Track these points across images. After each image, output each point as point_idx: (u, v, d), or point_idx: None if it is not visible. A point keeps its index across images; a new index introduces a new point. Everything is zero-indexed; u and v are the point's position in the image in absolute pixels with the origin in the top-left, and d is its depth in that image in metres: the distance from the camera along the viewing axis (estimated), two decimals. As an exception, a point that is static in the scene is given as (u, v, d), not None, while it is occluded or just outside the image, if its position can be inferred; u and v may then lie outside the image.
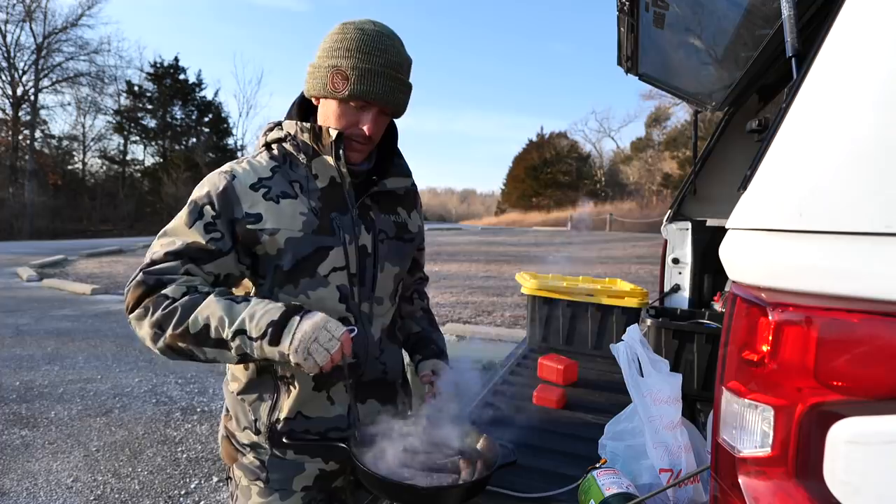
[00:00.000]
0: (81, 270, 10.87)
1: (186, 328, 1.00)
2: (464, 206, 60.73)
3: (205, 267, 1.08)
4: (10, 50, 26.65)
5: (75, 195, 28.74)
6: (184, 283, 1.05)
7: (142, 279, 1.04)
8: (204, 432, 3.57)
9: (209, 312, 1.00)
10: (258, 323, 1.00)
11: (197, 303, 1.02)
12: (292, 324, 1.00)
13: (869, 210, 0.57)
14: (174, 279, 1.05)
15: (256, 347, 0.99)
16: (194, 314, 1.00)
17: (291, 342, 0.98)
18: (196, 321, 1.00)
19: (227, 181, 1.11)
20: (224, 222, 1.09)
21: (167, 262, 1.06)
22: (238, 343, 1.00)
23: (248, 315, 1.01)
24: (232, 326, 1.00)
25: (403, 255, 1.29)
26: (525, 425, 1.58)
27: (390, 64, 1.09)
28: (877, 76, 0.58)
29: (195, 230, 1.08)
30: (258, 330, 0.99)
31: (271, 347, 0.99)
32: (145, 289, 1.04)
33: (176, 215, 1.12)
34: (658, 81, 2.56)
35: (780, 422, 0.62)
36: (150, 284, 1.04)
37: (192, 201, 1.11)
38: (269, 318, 1.00)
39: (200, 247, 1.07)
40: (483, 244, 18.10)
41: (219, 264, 1.09)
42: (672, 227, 2.70)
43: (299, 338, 0.98)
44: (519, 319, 6.81)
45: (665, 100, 30.66)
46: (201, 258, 1.08)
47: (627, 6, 1.80)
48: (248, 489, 1.20)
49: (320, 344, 0.99)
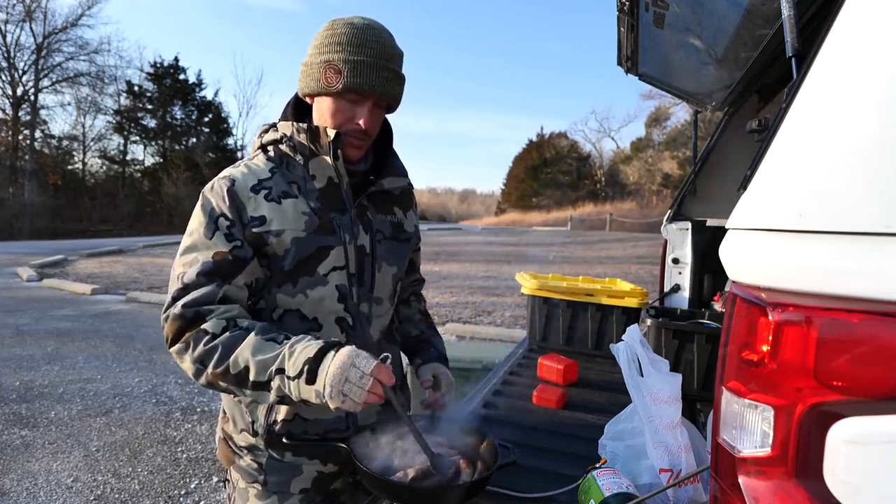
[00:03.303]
0: (81, 270, 10.87)
1: (227, 368, 0.99)
2: (464, 206, 60.73)
3: (236, 281, 1.07)
4: (10, 50, 26.66)
5: (75, 195, 28.73)
6: (223, 316, 1.03)
7: (179, 313, 1.03)
8: (204, 432, 3.57)
9: (249, 354, 0.99)
10: (295, 361, 0.98)
11: (237, 341, 1.00)
12: (325, 362, 0.97)
13: (869, 210, 0.57)
14: (212, 310, 1.03)
15: (294, 387, 0.98)
16: (234, 355, 0.99)
17: (325, 386, 0.95)
18: (236, 362, 0.99)
19: (229, 187, 1.10)
20: (239, 229, 1.09)
21: (202, 287, 1.04)
22: (277, 384, 0.98)
23: (288, 353, 0.99)
24: (272, 366, 0.98)
25: (400, 256, 1.29)
26: (525, 425, 1.58)
27: (382, 55, 1.09)
28: (876, 76, 0.58)
29: (217, 241, 1.07)
30: (295, 369, 0.97)
31: (308, 387, 0.97)
32: (183, 322, 1.02)
33: (187, 231, 1.10)
34: (658, 81, 2.56)
35: (780, 422, 0.62)
36: (189, 318, 1.02)
37: (203, 214, 1.09)
38: (306, 356, 0.98)
39: (227, 259, 1.06)
40: (483, 244, 18.11)
41: (248, 272, 1.09)
42: (672, 227, 2.70)
43: (329, 382, 0.95)
44: (519, 319, 6.81)
45: (665, 100, 30.66)
46: (232, 273, 1.07)
47: (627, 6, 1.80)
48: (245, 491, 1.20)
49: (353, 384, 0.95)
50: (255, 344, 1.00)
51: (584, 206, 36.12)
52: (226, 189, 1.10)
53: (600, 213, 30.10)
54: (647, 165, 36.04)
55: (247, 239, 1.09)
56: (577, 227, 28.74)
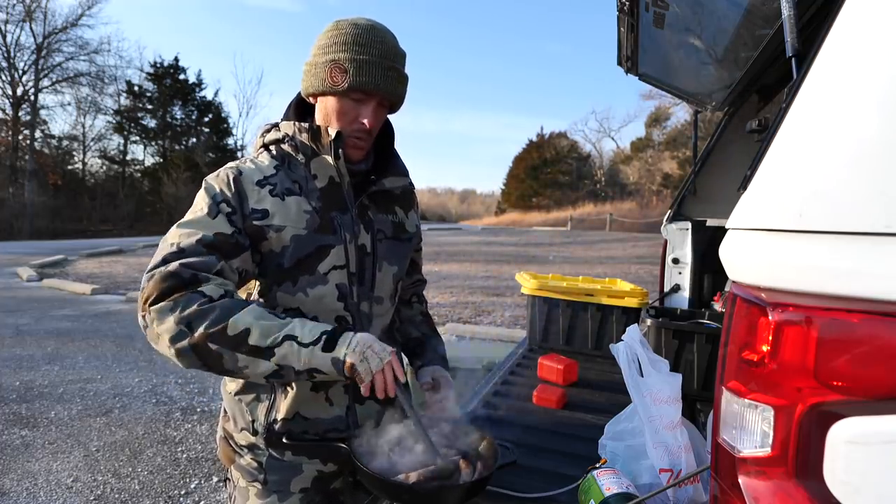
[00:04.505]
0: (81, 270, 10.87)
1: (224, 328, 0.96)
2: (464, 206, 60.69)
3: (233, 263, 1.06)
4: (10, 50, 26.63)
5: (75, 195, 28.72)
6: (221, 286, 1.01)
7: (175, 271, 0.98)
8: (204, 432, 3.57)
9: (252, 317, 0.99)
10: (311, 331, 1.00)
11: (238, 306, 0.99)
12: (347, 335, 1.02)
13: (869, 210, 0.57)
14: (210, 278, 1.01)
15: (306, 353, 0.98)
16: (234, 317, 0.97)
17: (349, 345, 1.00)
18: (237, 323, 0.97)
19: (235, 176, 1.10)
20: (239, 218, 1.08)
21: (202, 255, 1.02)
22: (284, 351, 0.98)
23: (300, 325, 1.01)
24: (280, 331, 0.99)
25: (401, 255, 1.29)
26: (525, 425, 1.58)
27: (387, 55, 1.10)
28: (876, 76, 0.58)
29: (220, 222, 1.05)
30: (311, 336, 0.99)
31: (324, 354, 0.98)
32: (178, 282, 0.98)
33: (188, 213, 1.09)
34: (658, 81, 2.56)
35: (780, 422, 0.62)
36: (185, 278, 0.98)
37: (208, 196, 1.08)
38: (322, 329, 1.01)
39: (228, 239, 1.05)
40: (483, 244, 18.11)
41: (243, 259, 1.08)
42: (672, 227, 2.70)
43: (356, 341, 1.01)
44: (519, 319, 6.81)
45: (665, 100, 30.67)
46: (231, 253, 1.06)
47: (627, 6, 1.80)
48: (245, 490, 1.20)
49: (376, 353, 1.01)
50: (257, 311, 1.00)
51: (584, 206, 36.15)
52: (232, 178, 1.10)
53: (600, 213, 30.10)
54: (647, 165, 36.04)
55: (246, 229, 1.09)
56: (577, 227, 28.73)
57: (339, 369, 0.99)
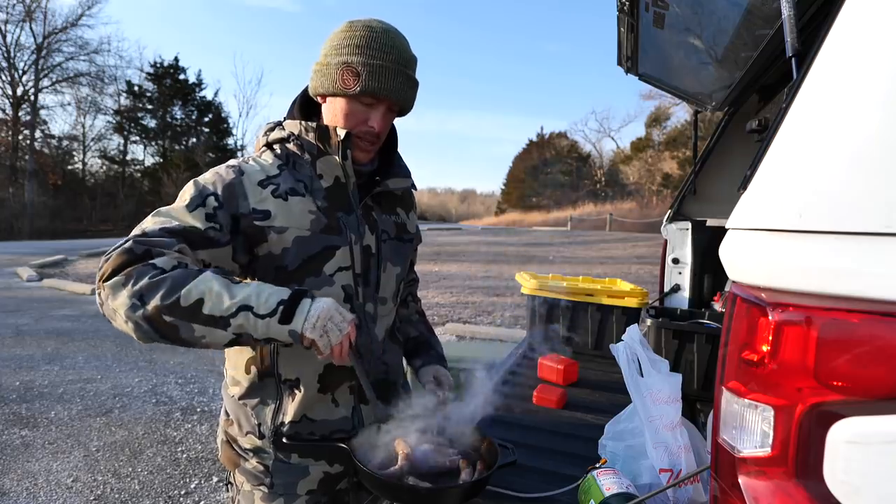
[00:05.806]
0: (81, 270, 10.87)
1: (177, 300, 0.92)
2: (464, 206, 60.65)
3: (198, 253, 1.03)
4: (10, 50, 26.65)
5: (75, 195, 28.70)
6: (175, 259, 0.97)
7: (129, 247, 0.95)
8: (204, 432, 3.57)
9: (206, 287, 0.94)
10: (267, 301, 0.95)
11: (191, 276, 0.95)
12: (304, 304, 0.97)
13: (869, 210, 0.57)
14: (164, 253, 0.97)
15: (262, 325, 0.95)
16: (188, 286, 0.93)
17: (307, 319, 0.96)
18: (189, 293, 0.92)
19: (236, 175, 1.09)
20: (225, 215, 1.05)
21: (161, 237, 0.99)
22: (240, 321, 0.94)
23: (255, 293, 0.96)
24: (234, 300, 0.94)
25: (404, 256, 1.29)
26: (525, 425, 1.58)
27: (400, 60, 1.09)
28: (876, 76, 0.58)
29: (195, 216, 1.03)
30: (267, 308, 0.95)
31: (280, 326, 0.95)
32: (130, 257, 0.94)
33: (177, 199, 1.07)
34: (658, 81, 2.56)
35: (780, 422, 0.62)
36: (138, 253, 0.95)
37: (195, 188, 1.06)
38: (279, 297, 0.96)
39: (198, 232, 1.02)
40: (483, 244, 18.09)
41: (213, 253, 1.05)
42: (672, 227, 2.70)
43: (316, 314, 0.96)
44: (519, 319, 6.81)
45: (665, 100, 30.68)
46: (197, 242, 1.02)
47: (627, 6, 1.80)
48: (250, 494, 1.19)
49: (335, 324, 0.98)
50: (210, 279, 0.95)
51: (584, 206, 36.20)
52: (231, 175, 1.08)
53: (600, 213, 30.09)
54: (647, 165, 36.06)
55: (238, 229, 1.06)
56: (577, 227, 28.71)
57: (297, 341, 0.97)
